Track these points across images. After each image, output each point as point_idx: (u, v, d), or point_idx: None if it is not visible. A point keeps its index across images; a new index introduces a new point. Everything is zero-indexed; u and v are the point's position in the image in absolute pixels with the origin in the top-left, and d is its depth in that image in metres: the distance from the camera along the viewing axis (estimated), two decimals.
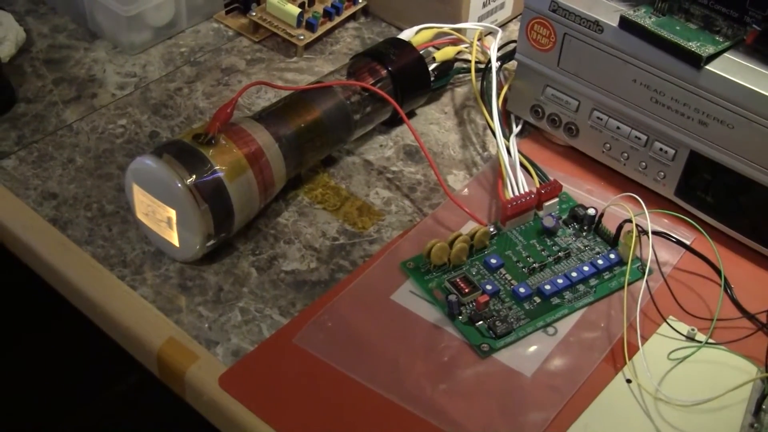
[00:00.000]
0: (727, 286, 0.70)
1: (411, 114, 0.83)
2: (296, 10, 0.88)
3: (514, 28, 0.95)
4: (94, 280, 0.70)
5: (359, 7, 0.93)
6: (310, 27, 0.89)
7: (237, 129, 0.71)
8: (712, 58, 0.70)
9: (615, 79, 0.75)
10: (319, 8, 0.91)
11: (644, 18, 0.72)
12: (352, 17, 0.94)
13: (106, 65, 0.87)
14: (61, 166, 0.78)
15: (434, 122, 0.84)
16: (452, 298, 0.67)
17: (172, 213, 0.68)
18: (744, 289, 0.70)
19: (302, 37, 0.88)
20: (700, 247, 0.72)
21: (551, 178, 0.75)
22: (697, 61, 0.70)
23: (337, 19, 0.91)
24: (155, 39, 0.89)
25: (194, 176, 0.67)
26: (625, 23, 0.72)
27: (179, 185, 0.67)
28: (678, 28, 0.72)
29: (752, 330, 0.68)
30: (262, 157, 0.71)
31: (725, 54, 0.70)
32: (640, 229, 0.70)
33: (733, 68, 0.69)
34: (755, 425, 0.61)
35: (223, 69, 0.88)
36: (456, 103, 0.86)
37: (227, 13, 0.93)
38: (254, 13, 0.90)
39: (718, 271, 0.70)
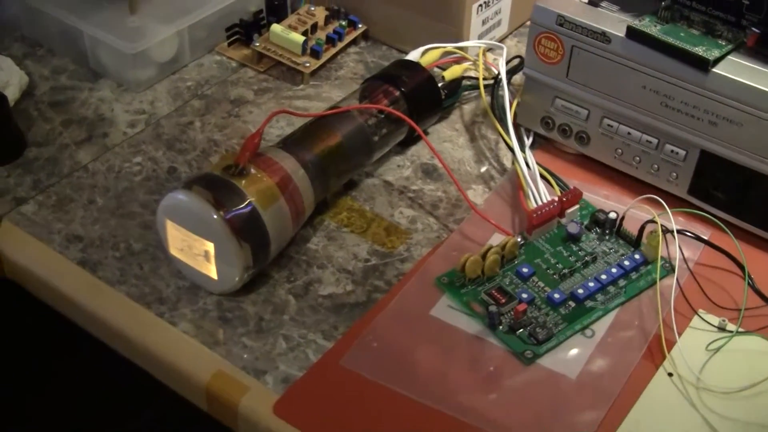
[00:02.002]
0: (748, 277, 0.73)
1: (424, 133, 0.84)
2: (301, 38, 0.89)
3: (511, 43, 0.97)
4: (133, 319, 0.71)
5: (360, 31, 0.95)
6: (315, 54, 0.90)
7: (264, 158, 0.72)
8: (717, 61, 0.73)
9: (624, 87, 0.77)
10: (321, 35, 0.92)
11: (650, 27, 0.75)
12: (353, 42, 0.95)
13: (114, 104, 0.88)
14: (82, 207, 0.78)
15: (447, 140, 0.86)
16: (492, 309, 0.69)
17: (210, 246, 0.69)
18: (764, 278, 0.73)
19: (308, 64, 0.90)
20: (717, 241, 0.74)
21: (571, 186, 0.78)
22: (704, 65, 0.72)
23: (340, 45, 0.93)
24: (160, 75, 0.90)
25: (230, 208, 0.68)
26: (633, 33, 0.75)
27: (216, 218, 0.67)
28: (682, 34, 0.74)
29: None
30: (292, 184, 0.72)
31: (729, 57, 0.73)
32: (663, 228, 0.72)
33: (738, 70, 0.72)
34: None
35: (232, 101, 0.89)
36: (465, 119, 0.88)
37: (229, 45, 0.94)
38: (258, 44, 0.91)
39: (739, 264, 0.73)
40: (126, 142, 0.84)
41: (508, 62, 0.86)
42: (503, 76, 0.82)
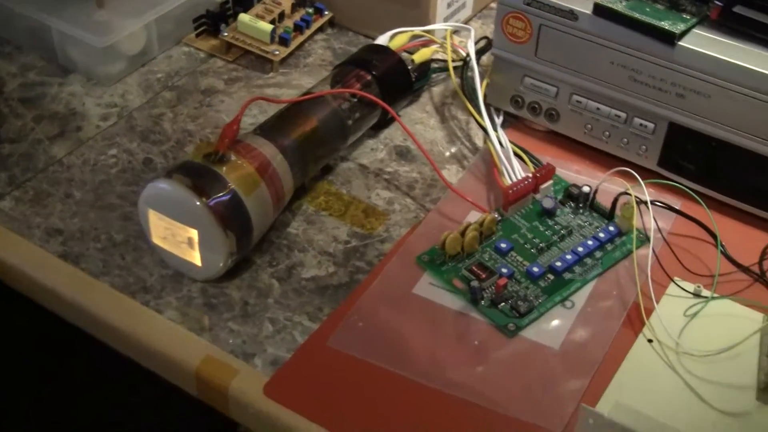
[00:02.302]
0: (720, 244, 0.75)
1: (391, 118, 0.86)
2: (269, 27, 0.90)
3: (476, 25, 0.98)
4: (119, 309, 0.71)
5: (326, 18, 0.96)
6: (284, 42, 0.91)
7: (243, 145, 0.73)
8: (683, 34, 0.75)
9: (592, 63, 0.79)
10: (289, 23, 0.93)
11: (616, 3, 0.76)
12: (320, 29, 0.96)
13: (85, 98, 0.88)
14: (60, 201, 0.78)
15: (419, 122, 0.87)
16: (474, 284, 0.70)
17: (194, 233, 0.70)
18: (734, 245, 0.75)
19: (277, 53, 0.90)
20: (688, 211, 0.76)
21: (543, 162, 0.79)
22: (670, 39, 0.74)
23: (308, 32, 0.93)
24: (130, 68, 0.90)
25: (213, 195, 0.69)
26: (599, 9, 0.76)
27: (199, 205, 0.68)
28: (648, 9, 0.76)
29: (750, 281, 0.73)
30: (271, 169, 0.73)
31: (694, 30, 0.75)
32: (637, 199, 0.74)
33: (703, 42, 0.74)
34: None
35: (203, 91, 0.89)
36: (435, 101, 0.89)
37: (197, 36, 0.94)
38: (226, 34, 0.92)
39: (711, 232, 0.75)
40: (100, 135, 0.84)
41: (476, 43, 0.87)
42: (473, 57, 0.83)
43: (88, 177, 0.80)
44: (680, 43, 0.74)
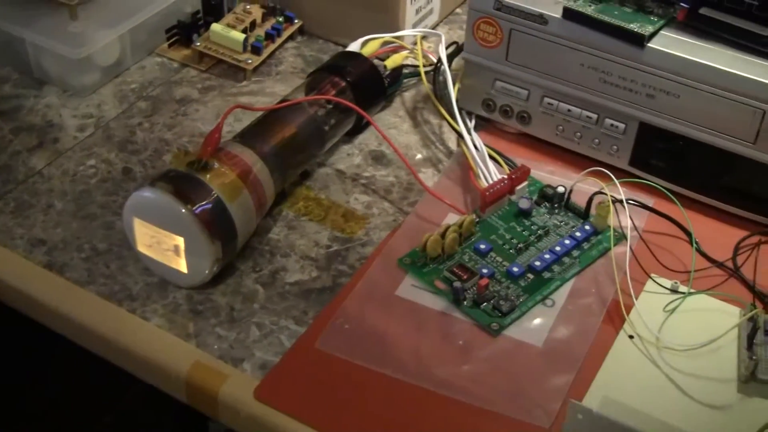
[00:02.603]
0: (693, 240, 0.77)
1: (366, 123, 0.87)
2: (241, 36, 0.91)
3: (442, 30, 0.99)
4: (105, 317, 0.72)
5: (296, 27, 0.97)
6: (256, 50, 0.92)
7: (224, 152, 0.74)
8: (652, 36, 0.77)
9: (563, 66, 0.80)
10: (260, 32, 0.94)
11: (585, 6, 0.78)
12: (290, 38, 0.97)
13: (61, 109, 0.88)
14: (41, 212, 0.79)
15: (392, 127, 0.88)
16: (457, 284, 0.72)
17: (180, 241, 0.71)
18: (707, 241, 0.77)
19: (250, 61, 0.91)
20: (661, 209, 0.78)
21: (518, 164, 0.81)
22: (640, 41, 0.76)
23: (279, 41, 0.94)
24: (104, 79, 0.91)
25: (198, 202, 0.70)
26: (569, 13, 0.78)
27: (185, 212, 0.69)
28: (616, 12, 0.78)
29: (725, 276, 0.75)
30: (253, 176, 0.74)
31: (662, 31, 0.77)
32: (612, 198, 0.76)
33: (671, 43, 0.76)
34: (753, 357, 0.67)
35: (178, 100, 0.90)
36: (407, 106, 0.91)
37: (170, 46, 0.95)
38: (198, 43, 0.92)
39: (684, 228, 0.77)
40: (78, 146, 0.85)
41: (447, 48, 0.88)
42: (444, 62, 0.85)
43: (68, 187, 0.81)
44: (649, 44, 0.76)
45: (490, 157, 0.81)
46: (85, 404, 1.01)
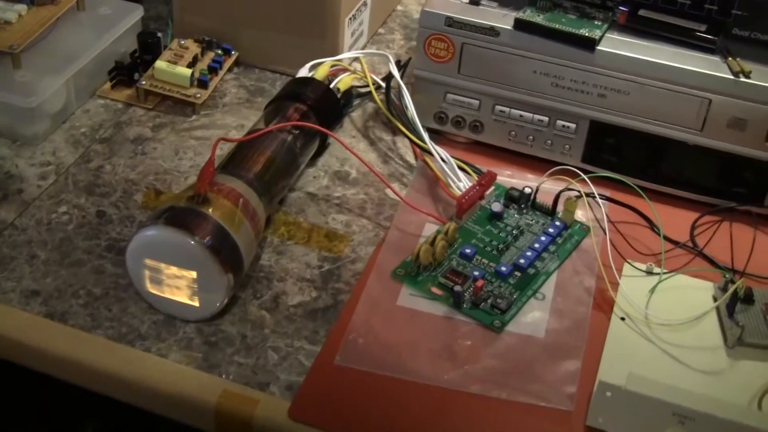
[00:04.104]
0: (654, 226, 0.83)
1: (327, 145, 0.90)
2: (188, 71, 0.92)
3: (371, 50, 1.03)
4: (122, 360, 0.72)
5: (233, 58, 0.98)
6: (203, 84, 0.93)
7: (217, 185, 0.75)
8: (600, 39, 0.82)
9: (515, 74, 0.85)
10: (203, 66, 0.95)
11: (534, 17, 0.83)
12: (228, 70, 0.98)
13: (16, 159, 0.87)
14: (26, 263, 0.78)
15: (350, 147, 0.91)
16: (458, 288, 0.75)
17: (193, 274, 0.72)
18: (666, 225, 0.82)
19: (199, 95, 0.92)
20: (619, 199, 0.84)
21: (484, 170, 0.85)
22: (591, 45, 0.82)
23: (222, 73, 0.96)
24: (53, 126, 0.90)
25: (207, 234, 0.71)
26: (521, 24, 0.83)
27: (198, 246, 0.70)
28: (564, 20, 0.84)
29: (690, 256, 0.82)
30: (248, 204, 0.75)
31: (606, 35, 0.83)
32: (578, 193, 0.81)
33: (617, 45, 0.82)
34: (740, 324, 0.74)
35: (133, 140, 0.90)
36: (358, 126, 0.94)
37: (112, 87, 0.95)
38: (144, 82, 0.93)
39: (645, 216, 0.83)
40: (44, 195, 0.84)
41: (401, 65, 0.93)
42: (399, 79, 0.88)
43: (46, 236, 0.80)
44: (599, 47, 0.82)
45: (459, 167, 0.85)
46: None
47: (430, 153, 0.84)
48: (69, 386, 0.74)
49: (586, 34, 0.82)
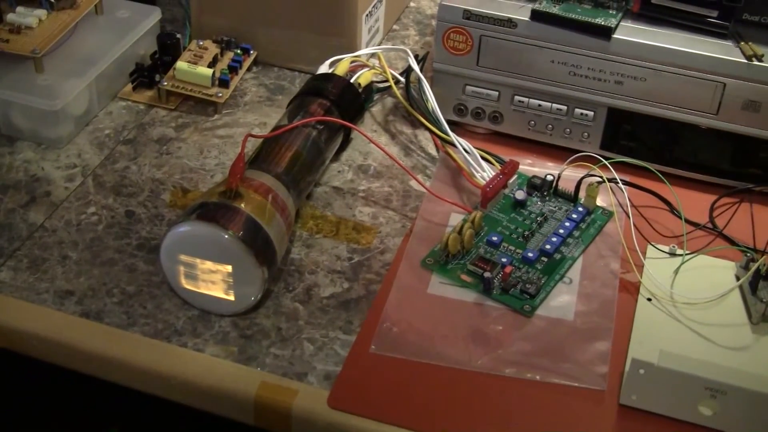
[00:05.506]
0: (674, 209, 0.84)
1: (350, 139, 0.91)
2: (209, 71, 0.93)
3: (387, 46, 1.05)
4: (161, 355, 0.73)
5: (252, 57, 1.00)
6: (224, 84, 0.94)
7: (247, 180, 0.76)
8: (616, 28, 0.84)
9: (533, 64, 0.87)
10: (223, 65, 0.96)
11: (551, 7, 0.85)
12: (247, 69, 0.99)
13: (42, 163, 0.88)
14: (58, 264, 0.79)
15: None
16: (488, 275, 0.77)
17: (228, 268, 0.73)
18: (685, 208, 0.84)
19: (221, 95, 0.94)
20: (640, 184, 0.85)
21: (506, 159, 0.86)
22: (607, 33, 0.83)
23: (242, 72, 0.97)
24: (77, 128, 0.91)
25: (241, 228, 0.72)
26: (537, 15, 0.85)
27: (233, 239, 0.71)
28: (579, 10, 0.85)
29: (711, 237, 0.83)
30: (278, 198, 0.76)
31: (621, 23, 0.85)
32: (600, 179, 0.82)
33: (632, 32, 0.84)
34: (764, 300, 0.75)
35: (157, 140, 0.91)
36: (379, 120, 0.95)
37: (134, 89, 0.96)
38: (165, 83, 0.94)
39: (665, 200, 0.84)
40: (72, 196, 0.85)
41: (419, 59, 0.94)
42: (419, 73, 0.90)
43: (77, 237, 0.81)
44: (615, 35, 0.83)
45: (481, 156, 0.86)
46: None
47: (452, 144, 0.86)
48: (93, 390, 0.75)
49: (602, 23, 0.83)
